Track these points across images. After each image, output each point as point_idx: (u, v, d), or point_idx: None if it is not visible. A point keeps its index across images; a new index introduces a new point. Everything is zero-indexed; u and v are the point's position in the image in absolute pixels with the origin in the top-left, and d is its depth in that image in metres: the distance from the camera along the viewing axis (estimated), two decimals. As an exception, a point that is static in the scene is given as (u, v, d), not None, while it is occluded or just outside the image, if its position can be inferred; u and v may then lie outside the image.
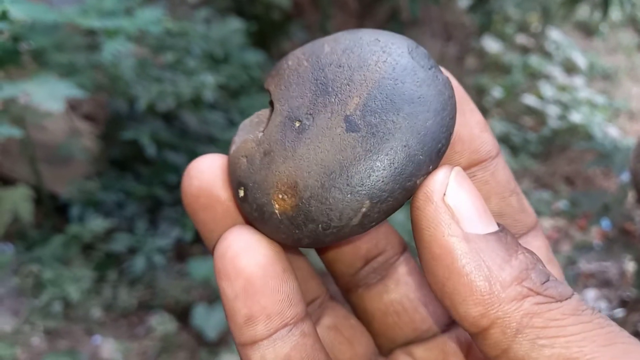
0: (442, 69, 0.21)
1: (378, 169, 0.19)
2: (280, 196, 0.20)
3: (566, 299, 0.17)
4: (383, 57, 0.20)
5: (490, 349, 0.18)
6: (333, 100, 0.20)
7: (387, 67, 0.20)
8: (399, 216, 1.07)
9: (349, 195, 0.19)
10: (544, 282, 0.18)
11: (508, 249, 0.18)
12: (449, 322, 0.26)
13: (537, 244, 0.24)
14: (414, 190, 0.19)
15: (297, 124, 0.21)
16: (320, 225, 0.20)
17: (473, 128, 0.22)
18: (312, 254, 0.27)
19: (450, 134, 0.20)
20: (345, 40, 0.21)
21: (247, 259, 0.19)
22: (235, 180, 0.22)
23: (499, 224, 0.19)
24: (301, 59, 0.22)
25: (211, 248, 0.23)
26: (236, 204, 0.22)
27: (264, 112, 0.23)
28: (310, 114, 0.20)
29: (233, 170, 0.22)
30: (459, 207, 0.18)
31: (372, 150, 0.19)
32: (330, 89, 0.20)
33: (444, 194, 0.18)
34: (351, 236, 0.20)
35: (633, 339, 0.17)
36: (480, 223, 0.18)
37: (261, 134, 0.22)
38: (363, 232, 0.20)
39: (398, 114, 0.19)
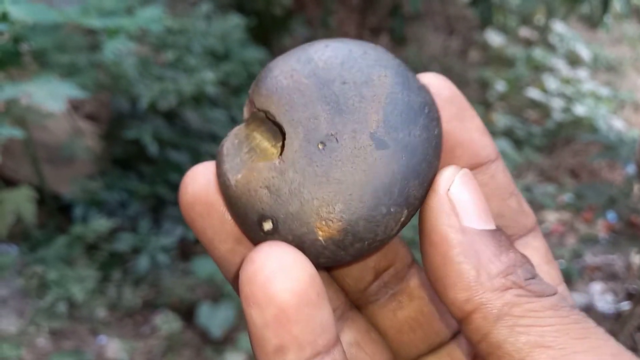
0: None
1: (412, 180, 0.20)
2: (324, 223, 0.20)
3: (547, 296, 0.19)
4: (382, 71, 0.21)
5: (472, 334, 0.19)
6: (351, 118, 0.20)
7: (389, 81, 0.21)
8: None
9: (392, 209, 0.20)
10: (528, 279, 0.19)
11: (500, 246, 0.20)
12: (455, 332, 0.26)
13: (536, 244, 0.25)
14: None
15: (321, 147, 0.20)
16: (366, 242, 0.20)
17: (473, 133, 0.23)
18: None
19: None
20: (335, 55, 0.21)
21: (279, 284, 0.18)
22: (255, 214, 0.21)
23: (497, 226, 0.20)
24: (296, 76, 0.21)
25: (213, 256, 0.23)
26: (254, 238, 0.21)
27: (240, 131, 0.22)
28: (332, 135, 0.20)
29: (250, 204, 0.21)
30: (460, 202, 0.20)
31: (405, 165, 0.20)
32: (343, 107, 0.20)
33: (448, 189, 0.20)
34: (385, 246, 0.21)
35: (607, 336, 0.18)
36: (478, 220, 0.20)
37: (279, 161, 0.21)
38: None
39: (416, 127, 0.20)
